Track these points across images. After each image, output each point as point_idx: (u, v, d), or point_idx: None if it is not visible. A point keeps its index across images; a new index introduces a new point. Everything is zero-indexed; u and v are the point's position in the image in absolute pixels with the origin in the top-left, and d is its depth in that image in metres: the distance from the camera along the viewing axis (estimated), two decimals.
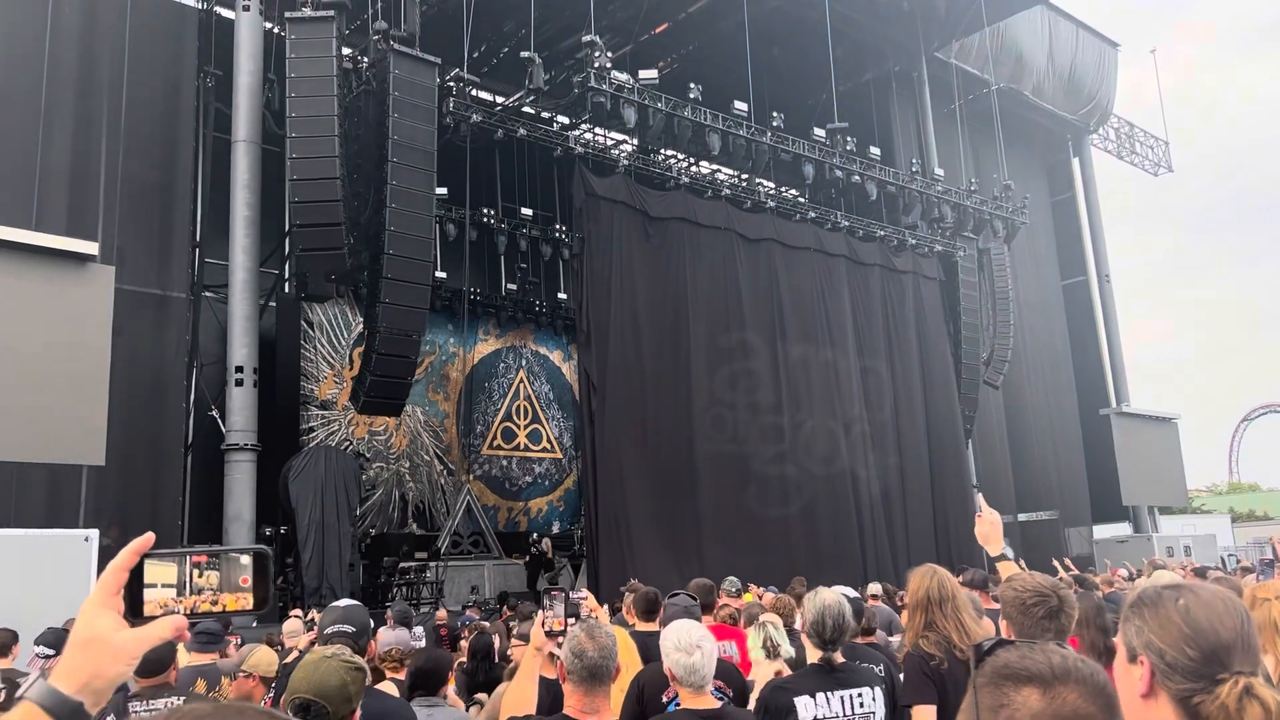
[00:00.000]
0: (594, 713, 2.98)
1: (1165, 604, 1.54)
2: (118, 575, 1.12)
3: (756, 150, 20.75)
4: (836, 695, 3.68)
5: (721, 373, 20.25)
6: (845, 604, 3.89)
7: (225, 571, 1.17)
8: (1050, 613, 3.12)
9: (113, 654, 1.08)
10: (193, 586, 1.15)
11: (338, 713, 2.61)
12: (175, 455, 16.06)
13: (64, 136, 15.37)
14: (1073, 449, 30.97)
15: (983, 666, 1.19)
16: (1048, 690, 1.11)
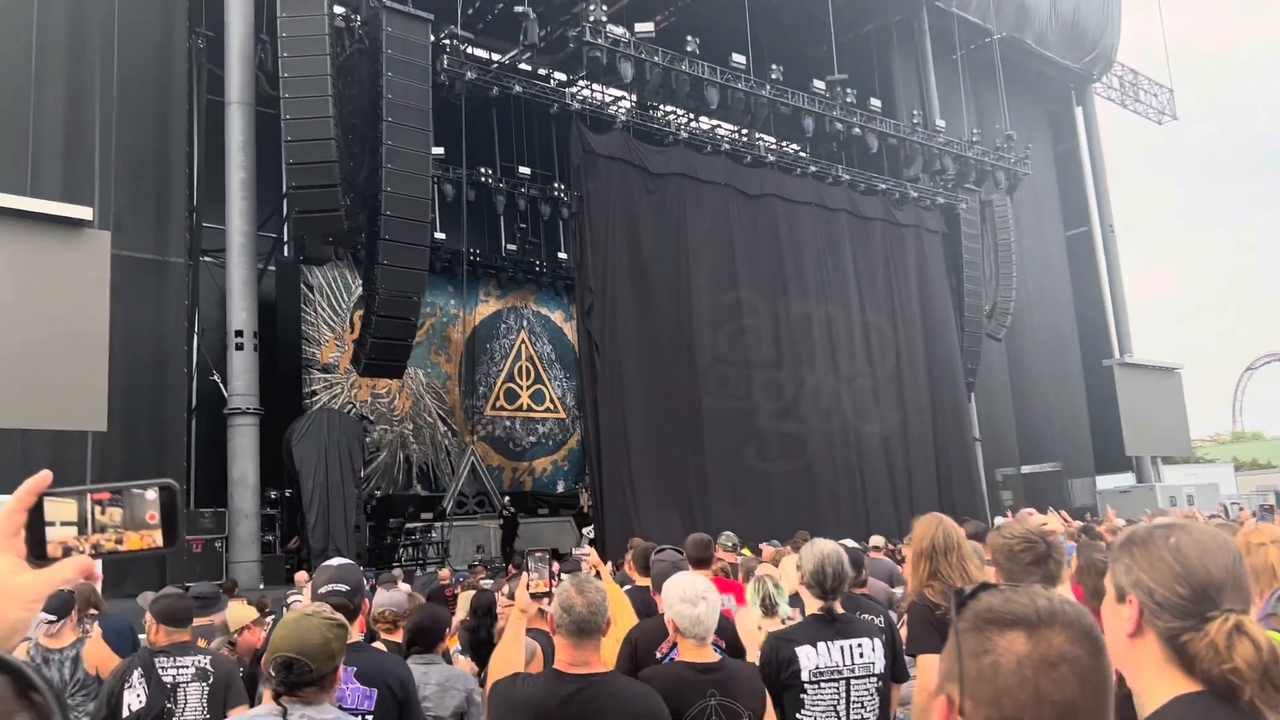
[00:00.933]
0: (584, 665, 2.99)
1: (1156, 542, 1.51)
2: (14, 516, 1.07)
3: (755, 104, 20.53)
4: (837, 645, 3.68)
5: (723, 330, 20.22)
6: (843, 553, 3.89)
7: (130, 508, 1.11)
8: (1038, 559, 3.11)
9: (11, 598, 1.03)
10: (95, 524, 1.10)
11: (320, 669, 2.61)
12: (178, 420, 16.09)
13: (56, 100, 15.21)
14: (1076, 400, 30.98)
15: (964, 611, 1.16)
16: (1033, 634, 1.08)
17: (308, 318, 20.92)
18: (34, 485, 1.08)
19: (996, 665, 1.07)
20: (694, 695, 3.21)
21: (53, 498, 1.09)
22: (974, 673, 1.09)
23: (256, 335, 16.17)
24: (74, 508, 1.09)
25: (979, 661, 1.09)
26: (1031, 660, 1.06)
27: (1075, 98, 34.35)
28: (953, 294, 25.46)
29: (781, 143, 24.38)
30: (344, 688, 3.30)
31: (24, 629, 1.06)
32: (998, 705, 1.06)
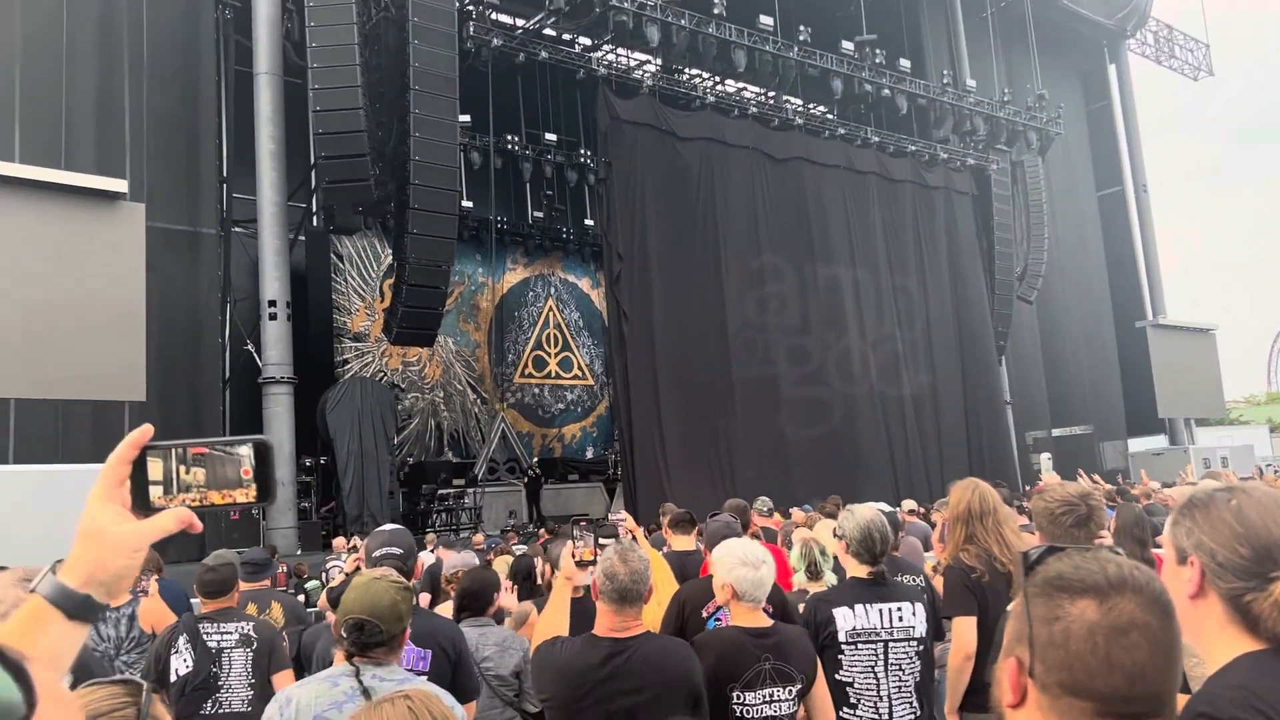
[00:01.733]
0: (624, 630, 3.03)
1: (1217, 504, 1.52)
2: (119, 468, 1.10)
3: (783, 66, 20.30)
4: (875, 608, 3.71)
5: (751, 295, 20.17)
6: (884, 517, 3.91)
7: (213, 468, 1.14)
8: (1079, 520, 3.12)
9: (114, 547, 1.07)
10: (179, 484, 1.13)
11: (390, 631, 2.69)
12: (214, 389, 16.30)
13: (87, 74, 15.31)
14: (1108, 362, 30.69)
15: (1033, 576, 1.17)
16: (1104, 601, 1.09)
17: (338, 287, 21.05)
18: (137, 438, 1.12)
19: (1067, 632, 1.09)
20: (748, 660, 3.25)
21: (154, 453, 1.12)
22: (1044, 638, 1.11)
23: (289, 305, 16.31)
24: (160, 467, 1.12)
25: (1050, 627, 1.10)
26: (1103, 627, 1.08)
27: (1108, 55, 33.69)
28: (983, 256, 25.23)
29: (809, 105, 24.12)
30: None
31: (130, 577, 1.10)
32: (1069, 670, 1.08)
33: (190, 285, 16.13)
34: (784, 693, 3.27)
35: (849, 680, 3.65)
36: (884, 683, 3.66)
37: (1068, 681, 1.08)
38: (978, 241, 25.20)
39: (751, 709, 3.25)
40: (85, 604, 1.04)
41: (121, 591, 1.10)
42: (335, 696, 2.59)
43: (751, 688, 3.24)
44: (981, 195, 25.26)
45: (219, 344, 16.77)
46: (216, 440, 1.16)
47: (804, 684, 3.32)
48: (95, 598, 1.05)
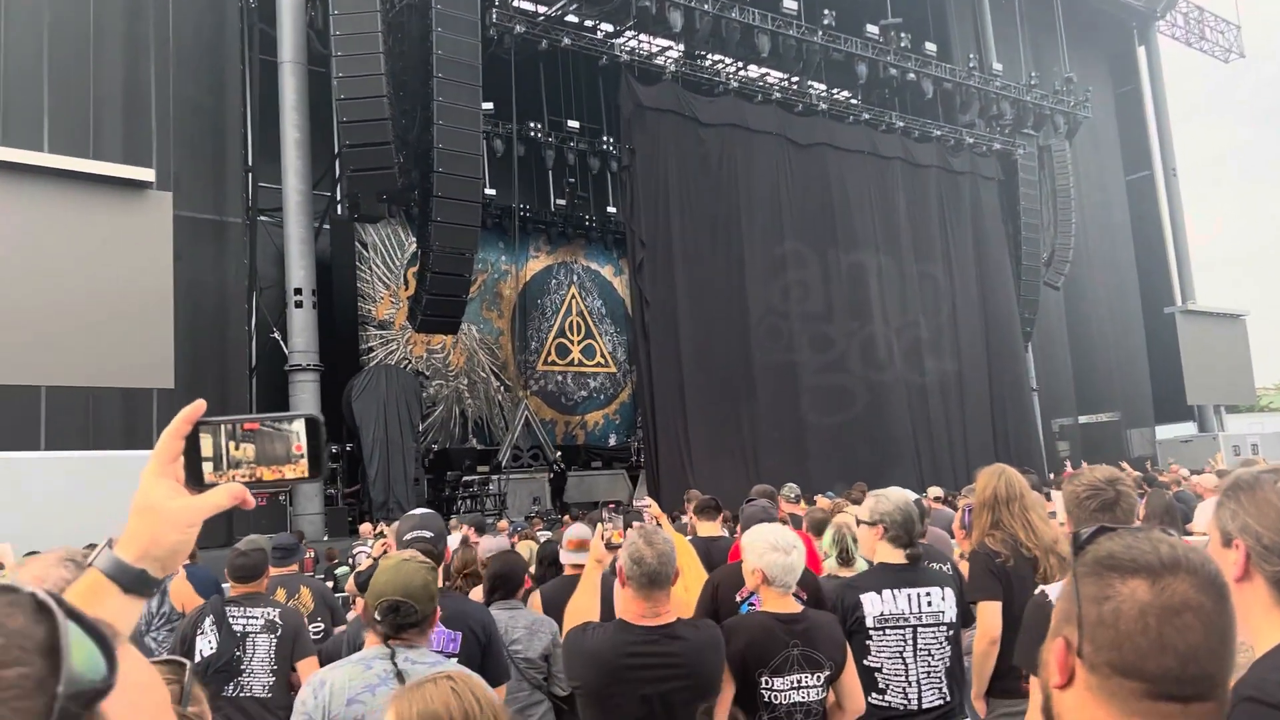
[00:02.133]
0: (654, 616, 3.02)
1: (1263, 487, 1.50)
2: (172, 443, 1.11)
3: (807, 50, 20.16)
4: (904, 593, 3.69)
5: (774, 281, 20.10)
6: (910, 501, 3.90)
7: (263, 444, 1.14)
8: (1104, 505, 3.08)
9: (170, 522, 1.07)
10: (229, 460, 1.13)
11: (423, 611, 2.70)
12: (241, 377, 16.43)
13: (114, 64, 15.42)
14: (1136, 349, 30.38)
15: (1083, 555, 1.15)
16: (1156, 581, 1.07)
17: (363, 275, 21.14)
18: (190, 414, 1.12)
19: (1118, 612, 1.07)
20: (777, 646, 3.24)
21: (206, 428, 1.12)
22: (1094, 617, 1.09)
23: (315, 293, 16.40)
24: (210, 443, 1.12)
25: (1100, 607, 1.08)
26: (1154, 608, 1.06)
27: (1138, 37, 33.26)
28: (1009, 242, 25.01)
29: (833, 90, 23.96)
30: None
31: (185, 551, 1.11)
32: (1119, 650, 1.06)
33: (217, 274, 16.25)
34: (812, 679, 3.26)
35: (877, 665, 3.64)
36: (912, 668, 3.65)
37: (1117, 662, 1.06)
38: (1004, 227, 24.99)
39: (780, 694, 3.24)
40: (141, 578, 1.05)
41: (176, 566, 1.11)
42: (369, 679, 2.59)
43: (780, 673, 3.24)
44: (1008, 180, 25.02)
45: (246, 332, 16.91)
46: (268, 416, 1.16)
47: (833, 670, 3.31)
48: (150, 572, 1.06)
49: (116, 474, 10.26)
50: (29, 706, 0.58)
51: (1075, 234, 25.87)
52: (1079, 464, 18.92)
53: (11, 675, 0.58)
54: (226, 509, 1.11)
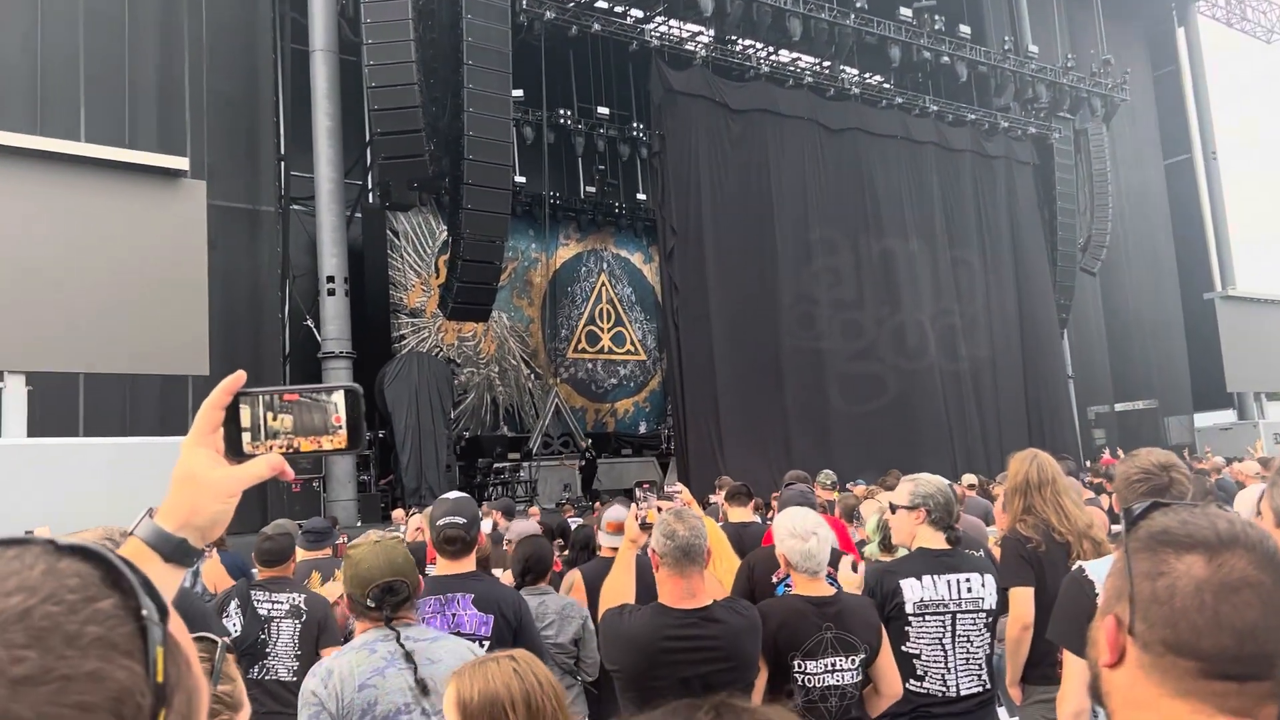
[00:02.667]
0: (690, 597, 3.00)
1: None
2: (213, 413, 1.11)
3: (839, 34, 19.96)
4: (944, 579, 3.66)
5: (806, 268, 19.98)
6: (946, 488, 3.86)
7: (300, 415, 1.14)
8: (1154, 490, 3.03)
9: (210, 492, 1.08)
10: (267, 430, 1.13)
11: (412, 586, 2.70)
12: (275, 365, 16.58)
13: (149, 52, 15.57)
14: (1174, 335, 29.93)
15: (1136, 530, 1.12)
16: (1214, 557, 1.04)
17: (394, 263, 21.25)
18: (230, 384, 1.12)
19: (1173, 588, 1.04)
20: (809, 629, 3.22)
21: (246, 399, 1.12)
22: (1147, 594, 1.06)
23: (347, 281, 16.51)
24: (249, 414, 1.12)
25: (1153, 583, 1.05)
26: (1211, 585, 1.02)
27: (1177, 18, 32.65)
28: (1044, 227, 24.69)
29: (866, 74, 23.73)
30: (461, 614, 3.40)
31: (224, 521, 1.11)
32: (1173, 628, 1.03)
33: (250, 262, 16.39)
34: (847, 662, 3.24)
35: (916, 652, 3.61)
36: (951, 654, 3.61)
37: (1171, 639, 1.03)
38: (1039, 212, 24.67)
39: (813, 677, 3.22)
40: (181, 548, 1.07)
41: (215, 536, 1.11)
42: (375, 663, 2.56)
43: (813, 656, 3.22)
44: (1043, 165, 24.69)
45: (279, 319, 17.06)
46: (307, 387, 1.16)
47: (868, 653, 3.28)
48: (190, 541, 1.07)
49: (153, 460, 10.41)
50: (126, 632, 0.63)
51: (1112, 219, 25.49)
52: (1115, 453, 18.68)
53: (106, 606, 0.64)
54: (266, 479, 1.11)
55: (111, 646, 0.62)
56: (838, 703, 3.23)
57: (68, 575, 0.65)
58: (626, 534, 3.39)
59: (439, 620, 3.39)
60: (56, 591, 0.63)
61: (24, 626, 0.61)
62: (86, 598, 0.64)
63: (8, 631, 0.60)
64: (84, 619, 0.62)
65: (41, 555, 0.66)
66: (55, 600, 0.62)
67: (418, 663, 2.54)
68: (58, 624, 0.61)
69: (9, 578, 0.63)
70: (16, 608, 0.61)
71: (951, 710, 3.59)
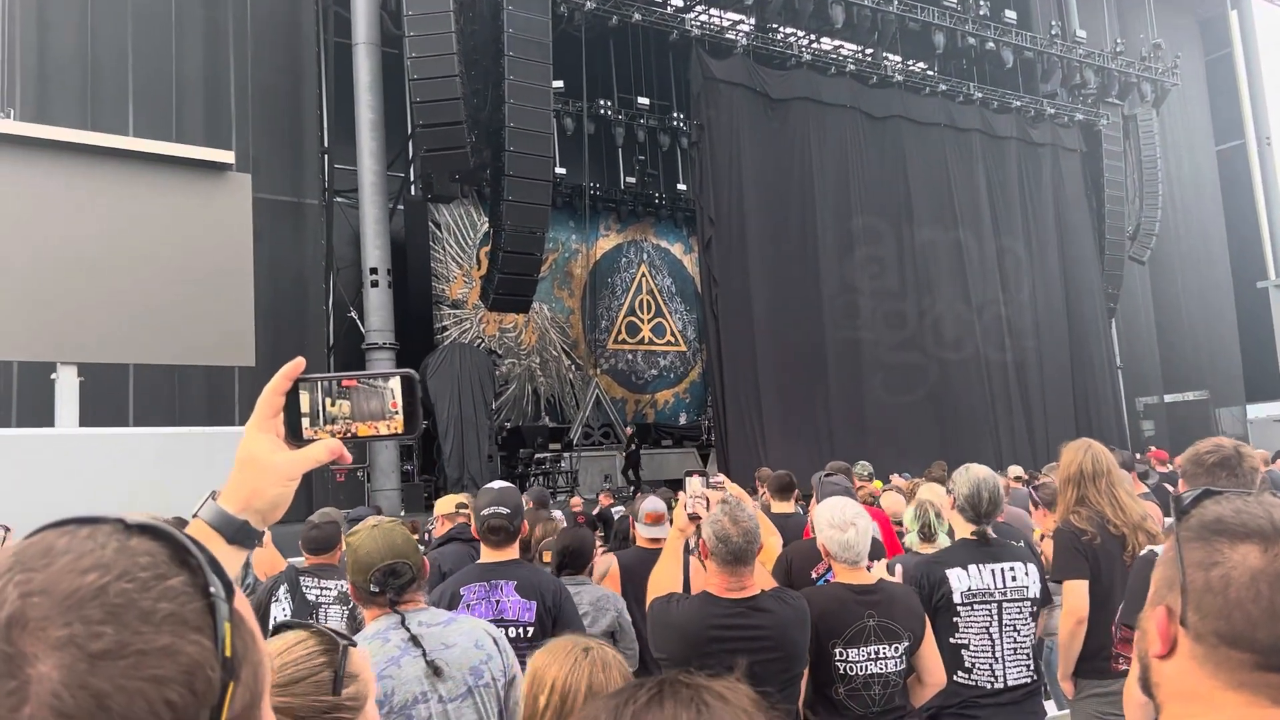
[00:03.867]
0: (739, 590, 3.01)
1: None
2: (273, 399, 1.14)
3: (883, 21, 19.74)
4: (988, 568, 3.63)
5: (848, 258, 19.81)
6: (998, 479, 3.80)
7: (358, 401, 1.16)
8: (1223, 460, 2.95)
9: (271, 475, 1.11)
10: (326, 416, 1.15)
11: (416, 567, 2.66)
12: (319, 355, 16.77)
13: (195, 47, 15.80)
14: (1226, 325, 29.31)
15: (1187, 519, 1.09)
16: (1270, 547, 1.01)
17: (436, 255, 21.40)
18: (290, 370, 1.15)
19: (1227, 578, 1.01)
20: (851, 616, 3.21)
21: (306, 385, 1.15)
22: (1200, 584, 1.03)
23: (390, 273, 16.65)
24: (308, 399, 1.15)
25: (1207, 574, 1.03)
26: (1268, 575, 1.00)
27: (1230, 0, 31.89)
28: (1092, 215, 24.28)
29: (909, 61, 23.44)
30: (505, 600, 3.41)
31: (284, 504, 1.13)
32: (1228, 619, 1.00)
33: (295, 254, 16.59)
34: (890, 650, 3.22)
35: (964, 642, 3.58)
36: (999, 644, 3.58)
37: (1225, 631, 1.00)
38: (1087, 200, 24.26)
39: (856, 665, 3.21)
40: (243, 529, 1.10)
41: (275, 519, 1.14)
42: (389, 652, 2.50)
43: (855, 644, 3.20)
44: (1091, 152, 24.26)
45: (323, 311, 17.25)
46: (364, 374, 1.19)
47: (911, 642, 3.26)
48: (252, 524, 1.11)
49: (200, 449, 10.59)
50: (196, 608, 0.66)
51: (1162, 206, 24.99)
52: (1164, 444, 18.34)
53: (176, 583, 0.66)
54: (325, 463, 1.14)
55: (182, 622, 0.65)
56: (880, 691, 3.21)
57: (139, 553, 0.67)
58: (675, 522, 3.39)
59: (484, 606, 3.41)
60: (129, 569, 0.66)
61: (100, 603, 0.63)
62: (158, 575, 0.66)
63: (85, 608, 0.63)
64: (156, 595, 0.65)
65: (113, 534, 0.68)
66: (129, 578, 0.65)
67: (427, 647, 2.50)
68: (132, 600, 0.64)
69: (84, 556, 0.65)
70: (93, 585, 0.64)
71: (999, 701, 3.57)
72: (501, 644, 2.68)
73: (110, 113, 14.74)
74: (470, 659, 2.56)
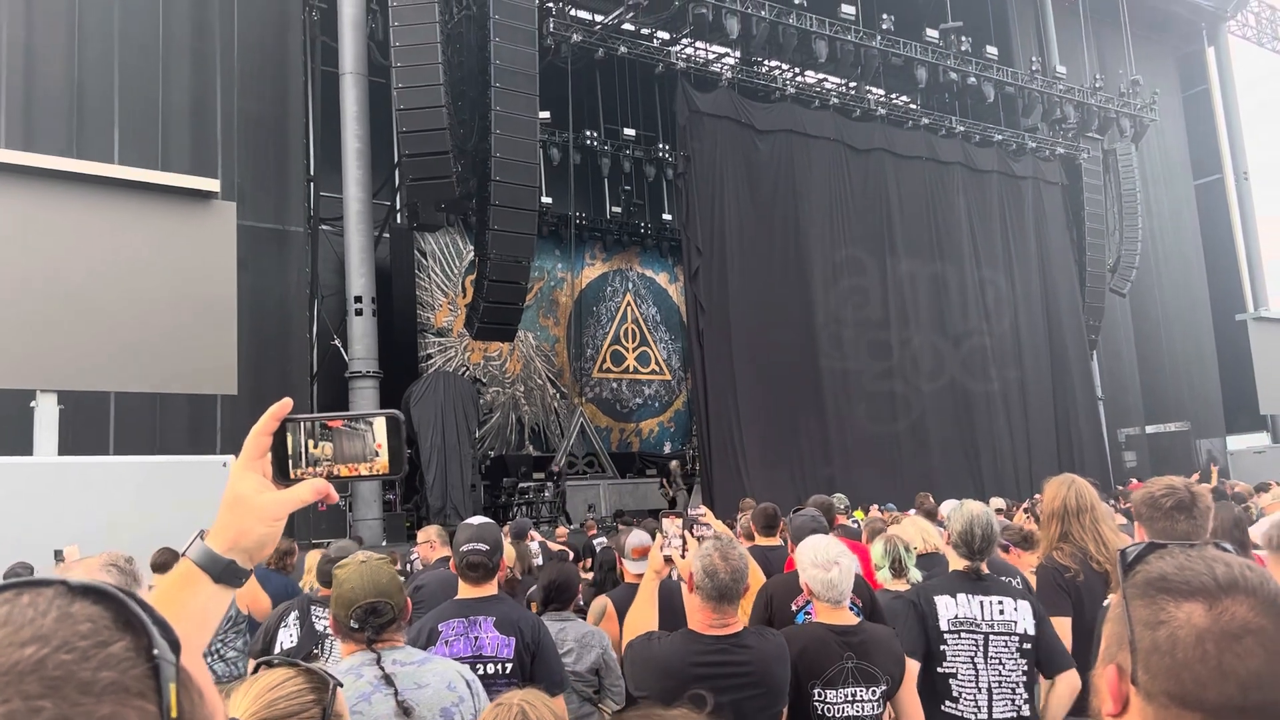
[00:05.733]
0: (723, 627, 3.00)
1: None
2: (261, 439, 1.15)
3: (866, 55, 19.96)
4: (976, 599, 3.62)
5: (832, 289, 19.91)
6: (993, 515, 3.81)
7: (341, 442, 1.17)
8: (1179, 504, 2.97)
9: (258, 514, 1.12)
10: (308, 458, 1.16)
11: (398, 606, 2.66)
12: (302, 384, 16.68)
13: (181, 75, 15.81)
14: (1205, 357, 29.56)
15: (1133, 575, 1.08)
16: (1214, 605, 1.00)
17: (421, 283, 21.40)
18: (277, 411, 1.17)
19: (1174, 639, 1.00)
20: (831, 657, 3.20)
21: (294, 425, 1.16)
22: (1148, 644, 1.02)
23: (374, 301, 16.62)
24: (291, 441, 1.16)
25: (1154, 633, 1.02)
26: (1213, 634, 0.99)
27: (1207, 37, 32.42)
28: (1073, 248, 24.53)
29: (892, 95, 23.71)
30: (483, 637, 3.39)
31: (271, 543, 1.15)
32: (1177, 679, 0.99)
33: (279, 282, 16.53)
34: (867, 693, 3.21)
35: (951, 671, 3.56)
36: (983, 675, 3.57)
37: (1175, 691, 0.99)
38: (1068, 233, 24.51)
39: (833, 707, 3.19)
40: (230, 569, 1.11)
41: (262, 558, 1.15)
42: (361, 688, 2.51)
43: (833, 685, 3.19)
44: (1072, 185, 24.54)
45: (307, 339, 17.18)
46: (351, 415, 1.20)
47: (889, 685, 3.24)
48: (239, 563, 1.12)
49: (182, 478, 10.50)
50: (138, 673, 0.65)
51: (1142, 239, 25.28)
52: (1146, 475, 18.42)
53: (118, 649, 0.65)
54: (310, 503, 1.15)
55: (124, 690, 0.64)
56: None
57: (80, 620, 0.66)
58: (650, 564, 3.38)
59: (462, 642, 3.39)
60: (69, 639, 0.64)
61: (39, 676, 0.62)
62: (98, 643, 0.65)
63: (24, 682, 0.62)
64: (97, 665, 0.64)
65: (55, 600, 0.67)
66: (68, 648, 0.64)
67: (399, 686, 2.50)
68: (71, 672, 0.63)
69: (23, 627, 0.65)
70: (31, 658, 0.63)
71: None
72: (475, 687, 2.66)
73: (96, 140, 14.71)
74: (442, 700, 2.55)
